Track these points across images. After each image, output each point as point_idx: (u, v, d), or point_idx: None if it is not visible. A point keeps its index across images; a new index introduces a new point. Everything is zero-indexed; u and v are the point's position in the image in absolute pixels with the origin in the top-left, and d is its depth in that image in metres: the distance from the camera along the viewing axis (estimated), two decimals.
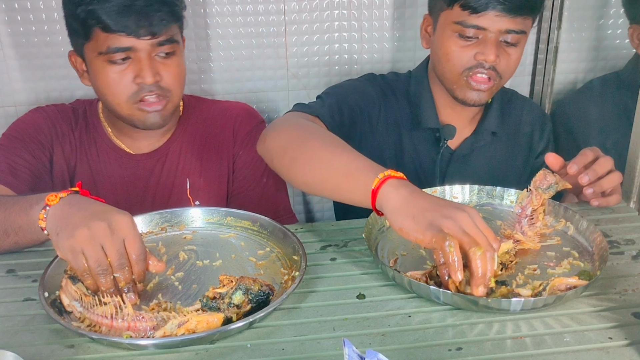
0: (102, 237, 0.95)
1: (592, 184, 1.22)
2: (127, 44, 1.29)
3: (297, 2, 1.76)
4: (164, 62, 1.35)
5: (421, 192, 1.01)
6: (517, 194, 1.29)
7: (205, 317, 0.93)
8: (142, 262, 0.98)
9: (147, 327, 0.93)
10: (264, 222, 1.20)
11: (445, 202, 1.00)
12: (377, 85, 1.55)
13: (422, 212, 0.97)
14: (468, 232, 0.95)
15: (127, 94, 1.34)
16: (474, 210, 0.99)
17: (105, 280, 0.96)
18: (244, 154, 1.53)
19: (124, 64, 1.32)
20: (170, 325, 0.92)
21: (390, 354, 0.89)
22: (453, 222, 0.95)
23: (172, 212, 1.25)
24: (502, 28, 1.35)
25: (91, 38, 1.31)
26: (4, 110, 1.76)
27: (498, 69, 1.39)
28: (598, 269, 1.05)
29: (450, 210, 0.97)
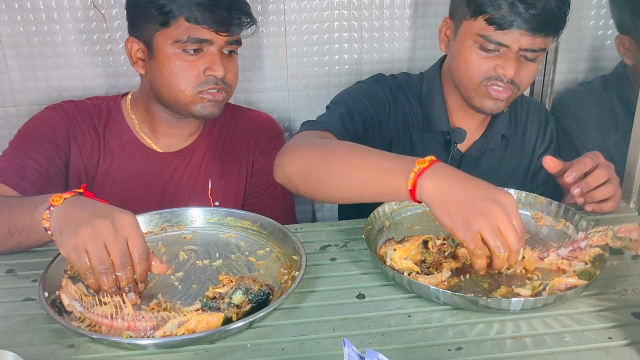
0: (106, 235, 0.95)
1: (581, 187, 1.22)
2: (206, 37, 1.34)
3: (297, 2, 1.76)
4: (228, 59, 1.41)
5: (456, 178, 1.02)
6: (516, 193, 1.29)
7: (205, 317, 0.93)
8: (144, 262, 0.98)
9: (147, 327, 0.93)
10: (264, 222, 1.20)
11: (482, 192, 1.00)
12: (387, 87, 1.54)
13: (457, 208, 0.99)
14: (501, 228, 0.97)
15: (195, 83, 1.37)
16: (510, 199, 0.99)
17: (107, 279, 0.96)
18: (262, 160, 1.57)
19: (196, 55, 1.36)
20: (170, 325, 0.92)
21: (390, 353, 0.89)
22: (486, 220, 0.97)
23: (172, 212, 1.25)
24: (524, 46, 1.34)
25: (170, 25, 1.34)
26: (4, 110, 1.76)
27: (516, 81, 1.38)
28: (598, 269, 1.05)
29: (485, 204, 0.97)
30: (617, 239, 1.06)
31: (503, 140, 1.57)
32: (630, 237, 1.05)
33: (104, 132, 1.50)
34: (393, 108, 1.51)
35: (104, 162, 1.49)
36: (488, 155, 1.56)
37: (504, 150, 1.58)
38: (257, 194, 1.59)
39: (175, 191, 1.52)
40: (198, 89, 1.38)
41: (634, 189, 1.34)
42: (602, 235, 1.07)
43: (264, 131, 1.59)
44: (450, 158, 1.52)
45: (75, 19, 1.69)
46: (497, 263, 0.99)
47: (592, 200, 1.24)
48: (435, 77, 1.54)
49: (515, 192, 1.29)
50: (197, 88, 1.37)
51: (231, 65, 1.42)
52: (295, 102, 1.88)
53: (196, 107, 1.40)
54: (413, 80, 1.57)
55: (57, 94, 1.76)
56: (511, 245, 0.97)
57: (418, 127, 1.53)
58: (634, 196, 1.34)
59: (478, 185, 1.01)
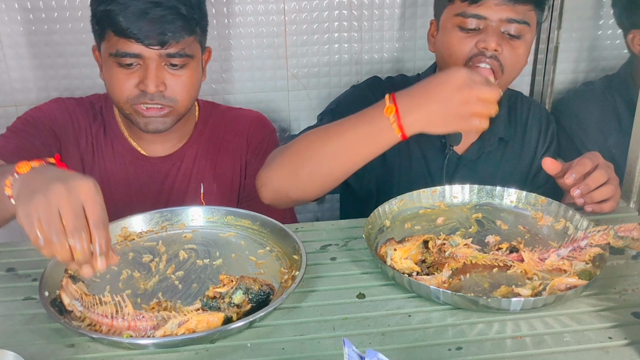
0: (58, 199, 0.87)
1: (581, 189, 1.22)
2: (135, 51, 1.31)
3: (297, 2, 1.76)
4: (174, 72, 1.35)
5: (419, 93, 1.12)
6: (516, 193, 1.29)
7: (205, 317, 0.93)
8: (101, 230, 0.89)
9: (147, 326, 0.93)
10: (264, 221, 1.20)
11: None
12: (380, 90, 1.52)
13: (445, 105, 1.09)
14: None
15: (127, 96, 1.35)
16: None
17: (60, 245, 0.87)
18: (256, 162, 1.56)
19: (132, 68, 1.33)
20: (170, 325, 0.92)
21: (390, 353, 0.89)
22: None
23: (172, 210, 1.25)
24: (503, 17, 1.35)
25: (104, 38, 1.33)
26: (4, 110, 1.76)
27: (502, 60, 1.37)
28: (598, 269, 1.05)
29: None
30: (619, 238, 1.06)
31: (501, 143, 1.56)
32: (631, 237, 1.05)
33: (97, 133, 1.49)
34: None
35: (96, 165, 1.49)
36: (486, 157, 1.56)
37: (503, 152, 1.57)
38: (253, 195, 1.54)
39: (168, 196, 1.51)
40: (131, 102, 1.36)
41: (634, 189, 1.34)
42: (604, 234, 1.07)
43: (255, 131, 1.57)
44: (447, 161, 1.52)
45: (75, 19, 1.69)
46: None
47: (592, 201, 1.24)
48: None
49: (515, 192, 1.29)
50: (131, 101, 1.35)
51: (177, 79, 1.36)
52: (295, 102, 1.88)
53: (139, 121, 1.38)
54: (409, 82, 1.55)
55: (57, 94, 1.76)
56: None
57: None
58: (634, 196, 1.34)
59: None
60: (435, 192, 1.31)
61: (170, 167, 1.51)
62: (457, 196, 1.31)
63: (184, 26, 1.31)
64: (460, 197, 1.32)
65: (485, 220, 1.25)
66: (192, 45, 1.36)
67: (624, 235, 1.06)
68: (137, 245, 1.18)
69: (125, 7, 1.28)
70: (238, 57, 1.80)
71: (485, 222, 1.25)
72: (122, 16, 1.27)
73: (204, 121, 1.55)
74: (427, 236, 1.10)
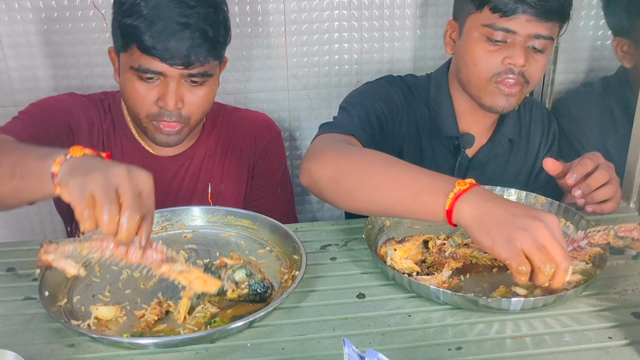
0: (118, 179, 0.88)
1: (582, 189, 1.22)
2: (158, 69, 1.28)
3: (297, 2, 1.76)
4: (192, 89, 1.33)
5: (495, 200, 0.97)
6: (516, 193, 1.29)
7: (204, 277, 0.95)
8: (149, 223, 0.91)
9: (157, 259, 0.93)
10: (264, 221, 1.20)
11: (522, 211, 0.95)
12: (398, 88, 1.51)
13: (497, 227, 0.93)
14: (544, 243, 0.91)
15: (147, 112, 1.34)
16: (552, 218, 0.94)
17: (110, 218, 0.86)
18: (262, 164, 1.57)
19: (152, 83, 1.31)
20: (175, 267, 0.93)
21: (390, 353, 0.89)
22: (527, 235, 0.91)
23: (173, 210, 1.25)
24: (532, 32, 1.33)
25: (127, 51, 1.30)
26: (4, 110, 1.76)
27: (526, 74, 1.36)
28: (598, 269, 1.05)
29: (527, 221, 0.92)
30: (619, 238, 1.06)
31: (510, 144, 1.56)
32: (631, 237, 1.05)
33: (108, 131, 1.48)
34: (405, 110, 1.49)
35: None
36: (495, 159, 1.55)
37: (510, 153, 1.57)
38: (258, 196, 1.59)
39: (176, 196, 1.51)
40: (151, 118, 1.34)
41: (634, 189, 1.34)
42: (604, 234, 1.07)
43: (262, 133, 1.58)
44: (458, 163, 1.52)
45: (76, 19, 1.69)
46: (541, 278, 0.92)
47: (593, 201, 1.24)
48: (442, 80, 1.52)
49: (516, 192, 1.29)
50: (150, 117, 1.34)
51: (194, 96, 1.34)
52: (295, 102, 1.88)
53: (151, 134, 1.37)
54: (420, 82, 1.55)
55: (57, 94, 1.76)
56: (558, 261, 0.91)
57: (427, 131, 1.51)
58: (634, 196, 1.34)
59: (518, 205, 0.97)
60: None
61: (179, 167, 1.51)
62: None
63: (210, 50, 1.29)
64: None
65: None
66: (214, 65, 1.35)
67: (624, 235, 1.06)
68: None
69: (152, 24, 1.25)
70: (238, 57, 1.80)
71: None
72: (149, 34, 1.25)
73: (212, 122, 1.54)
74: (427, 236, 1.10)
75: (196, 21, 1.26)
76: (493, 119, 1.53)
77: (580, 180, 1.22)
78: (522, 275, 0.92)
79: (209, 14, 1.28)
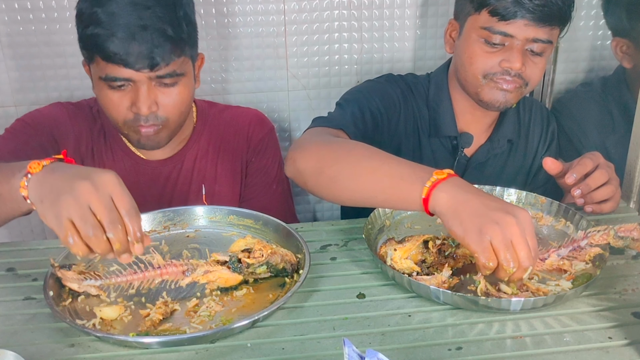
0: (87, 196, 0.89)
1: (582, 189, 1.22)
2: (125, 75, 1.27)
3: (297, 2, 1.76)
4: (165, 90, 1.32)
5: (472, 191, 0.99)
6: (516, 193, 1.29)
7: (226, 274, 1.03)
8: (134, 218, 0.92)
9: (178, 271, 1.00)
10: (267, 220, 1.20)
11: (497, 204, 0.97)
12: (398, 87, 1.52)
13: (471, 218, 0.95)
14: (512, 240, 0.93)
15: (123, 119, 1.33)
16: (524, 214, 0.95)
17: (98, 241, 0.89)
18: (257, 161, 1.55)
19: (123, 90, 1.30)
20: (198, 272, 1.00)
21: (390, 353, 0.89)
22: (500, 230, 0.93)
23: (175, 210, 1.25)
24: (530, 37, 1.34)
25: (93, 61, 1.30)
26: (4, 110, 1.76)
27: (524, 76, 1.37)
28: (598, 269, 1.05)
29: (499, 215, 0.94)
30: (619, 238, 1.06)
31: (509, 144, 1.56)
32: (631, 237, 1.06)
33: (98, 138, 1.48)
34: (404, 109, 1.50)
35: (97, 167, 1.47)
36: (494, 160, 1.56)
37: (509, 153, 1.58)
38: (254, 194, 1.57)
39: (170, 199, 1.51)
40: (128, 125, 1.34)
41: (634, 189, 1.34)
42: (604, 234, 1.07)
43: (254, 130, 1.56)
44: (456, 163, 1.52)
45: None
46: (502, 274, 0.95)
47: (592, 201, 1.24)
48: (442, 80, 1.52)
49: (516, 192, 1.29)
50: (127, 123, 1.33)
51: (169, 97, 1.32)
52: (295, 102, 1.88)
53: (133, 140, 1.37)
54: (420, 82, 1.56)
55: (56, 94, 1.76)
56: (521, 261, 0.94)
57: (425, 130, 1.52)
58: (634, 196, 1.34)
59: (494, 199, 0.99)
60: None
61: (170, 170, 1.51)
62: None
63: (172, 49, 1.28)
64: None
65: None
66: (183, 63, 1.33)
67: (624, 235, 1.06)
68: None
69: (111, 32, 1.24)
70: (238, 57, 1.80)
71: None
72: (109, 42, 1.24)
73: (202, 122, 1.54)
74: (427, 236, 1.10)
75: (154, 22, 1.25)
76: (492, 119, 1.53)
77: (579, 180, 1.22)
78: (487, 270, 0.95)
79: (167, 13, 1.27)
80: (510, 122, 1.54)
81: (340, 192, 1.13)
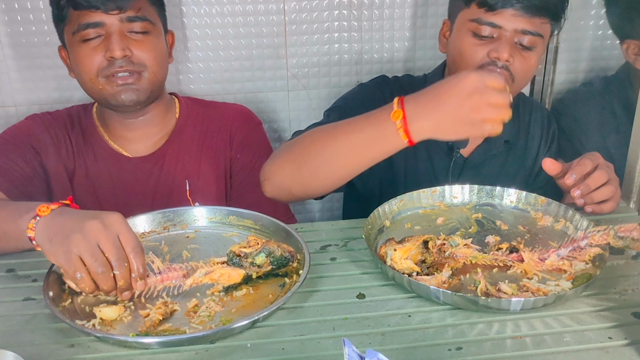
0: (96, 234, 0.95)
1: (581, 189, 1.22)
2: (96, 19, 1.33)
3: (297, 2, 1.76)
4: (138, 39, 1.37)
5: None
6: (516, 194, 1.29)
7: (227, 271, 1.02)
8: (139, 255, 0.97)
9: (178, 275, 1.01)
10: (267, 221, 1.20)
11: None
12: (388, 89, 1.53)
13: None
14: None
15: (97, 68, 1.36)
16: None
17: (105, 278, 0.95)
18: (242, 158, 1.54)
19: (96, 41, 1.35)
20: (198, 274, 1.00)
21: (390, 353, 0.89)
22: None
23: (175, 211, 1.25)
24: (518, 27, 1.34)
25: (66, 20, 1.35)
26: (3, 110, 1.76)
27: (512, 70, 1.37)
28: (598, 269, 1.05)
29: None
30: (619, 239, 1.06)
31: (506, 145, 1.56)
32: (631, 237, 1.05)
33: (77, 141, 1.49)
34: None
35: (80, 172, 1.48)
36: (491, 160, 1.55)
37: (507, 154, 1.57)
38: (241, 193, 1.55)
39: (153, 195, 1.51)
40: (103, 74, 1.36)
41: (634, 189, 1.34)
42: (604, 234, 1.07)
43: (238, 127, 1.56)
44: (453, 163, 1.52)
45: None
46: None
47: (592, 201, 1.24)
48: (438, 80, 1.52)
49: (515, 192, 1.29)
50: (103, 72, 1.36)
51: (142, 45, 1.37)
52: (295, 102, 1.88)
53: (111, 95, 1.38)
54: (416, 83, 1.56)
55: (56, 94, 1.76)
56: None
57: None
58: (634, 196, 1.34)
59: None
60: (435, 192, 1.31)
61: (152, 166, 1.50)
62: (457, 196, 1.32)
63: None
64: (460, 198, 1.32)
65: (485, 220, 1.25)
66: (151, 12, 1.39)
67: (624, 235, 1.06)
68: None
69: None
70: (238, 57, 1.80)
71: (485, 222, 1.25)
72: None
73: (185, 117, 1.54)
74: (427, 236, 1.10)
75: None
76: None
77: (579, 181, 1.22)
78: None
79: None
80: (508, 123, 1.53)
81: (327, 178, 1.16)
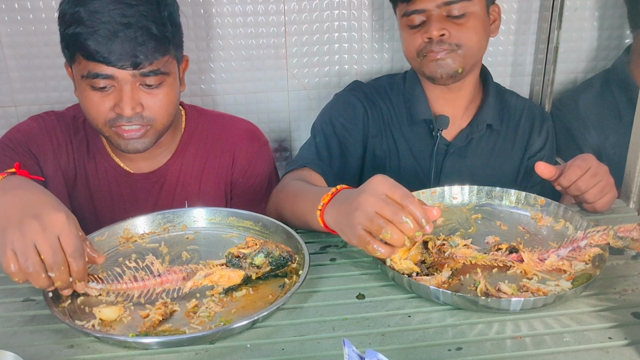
0: (34, 235, 0.92)
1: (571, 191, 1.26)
2: (107, 72, 1.25)
3: (297, 2, 1.76)
4: (150, 91, 1.30)
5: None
6: (516, 194, 1.29)
7: (227, 272, 1.03)
8: (78, 259, 0.95)
9: (178, 278, 1.01)
10: (267, 222, 1.20)
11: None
12: (362, 93, 1.60)
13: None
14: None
15: (104, 119, 1.30)
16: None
17: (37, 277, 0.93)
18: (243, 183, 1.52)
19: (107, 90, 1.28)
20: (198, 276, 1.00)
21: (390, 354, 0.89)
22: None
23: (175, 212, 1.25)
24: (439, 2, 1.41)
25: (75, 60, 1.28)
26: (3, 110, 1.76)
27: (452, 41, 1.43)
28: (598, 269, 1.05)
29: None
30: (618, 239, 1.06)
31: (491, 132, 1.59)
32: (631, 237, 1.05)
33: (79, 148, 1.45)
34: (370, 110, 1.58)
35: (79, 180, 1.45)
36: (476, 145, 1.59)
37: (494, 142, 1.60)
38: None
39: None
40: (109, 125, 1.30)
41: (634, 189, 1.34)
42: (603, 234, 1.07)
43: (242, 147, 1.51)
44: (436, 147, 1.55)
45: None
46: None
47: (586, 202, 1.27)
48: (415, 72, 1.59)
49: (515, 193, 1.29)
50: (109, 124, 1.30)
51: (154, 98, 1.30)
52: (295, 102, 1.88)
53: (119, 143, 1.33)
54: (396, 80, 1.64)
55: (56, 94, 1.76)
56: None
57: (403, 122, 1.59)
58: (634, 196, 1.34)
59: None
60: (435, 192, 1.31)
61: (153, 184, 1.47)
62: (457, 197, 1.32)
63: (156, 47, 1.26)
64: (460, 198, 1.32)
65: (484, 220, 1.25)
66: (167, 62, 1.30)
67: (624, 235, 1.06)
68: (140, 246, 1.19)
69: (93, 30, 1.21)
70: (238, 57, 1.80)
71: (484, 222, 1.25)
72: (90, 40, 1.21)
73: (190, 133, 1.50)
74: (427, 237, 1.10)
75: (138, 19, 1.23)
76: (466, 100, 1.58)
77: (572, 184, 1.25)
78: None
79: (151, 11, 1.25)
80: (490, 108, 1.59)
81: (301, 225, 1.21)
